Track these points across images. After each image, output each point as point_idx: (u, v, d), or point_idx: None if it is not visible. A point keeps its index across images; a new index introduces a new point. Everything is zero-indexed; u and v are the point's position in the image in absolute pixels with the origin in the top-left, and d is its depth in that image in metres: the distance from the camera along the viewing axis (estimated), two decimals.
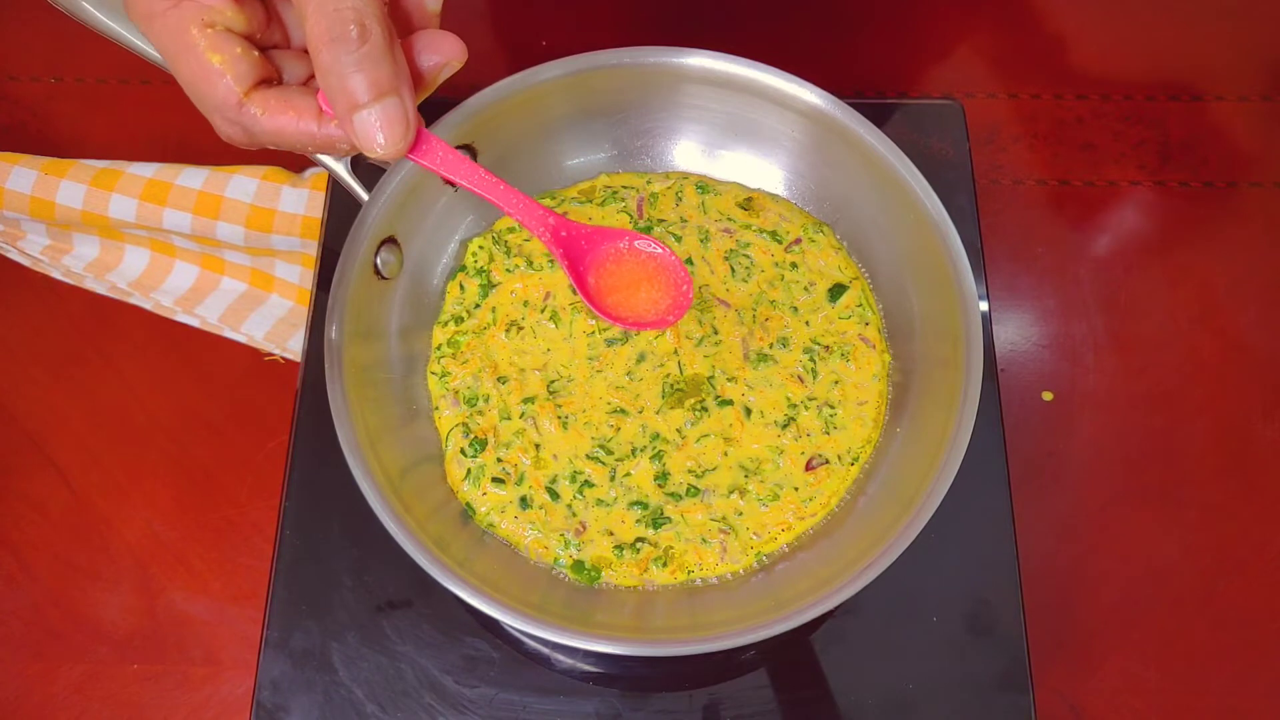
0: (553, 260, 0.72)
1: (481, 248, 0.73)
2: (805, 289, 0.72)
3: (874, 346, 0.70)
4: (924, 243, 0.66)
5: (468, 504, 0.66)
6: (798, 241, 0.73)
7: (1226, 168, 0.91)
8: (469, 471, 0.67)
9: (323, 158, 0.67)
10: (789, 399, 0.69)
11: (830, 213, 0.74)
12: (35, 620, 0.75)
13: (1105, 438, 0.81)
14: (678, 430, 0.68)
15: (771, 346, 0.70)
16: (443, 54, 0.50)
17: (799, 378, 0.69)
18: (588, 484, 0.66)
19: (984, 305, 0.73)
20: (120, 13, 0.61)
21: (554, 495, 0.66)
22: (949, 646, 0.66)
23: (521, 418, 0.68)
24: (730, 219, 0.74)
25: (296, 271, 0.86)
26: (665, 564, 0.64)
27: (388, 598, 0.67)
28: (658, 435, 0.67)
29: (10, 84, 0.94)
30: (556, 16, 0.97)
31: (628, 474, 0.66)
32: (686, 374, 0.69)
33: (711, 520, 0.65)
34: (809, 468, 0.67)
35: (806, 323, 0.71)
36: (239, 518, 0.78)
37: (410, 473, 0.64)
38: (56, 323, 0.85)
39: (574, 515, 0.66)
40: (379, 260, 0.67)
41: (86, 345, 0.85)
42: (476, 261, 0.73)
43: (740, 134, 0.74)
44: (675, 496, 0.66)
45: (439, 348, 0.71)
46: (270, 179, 0.84)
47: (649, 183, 0.75)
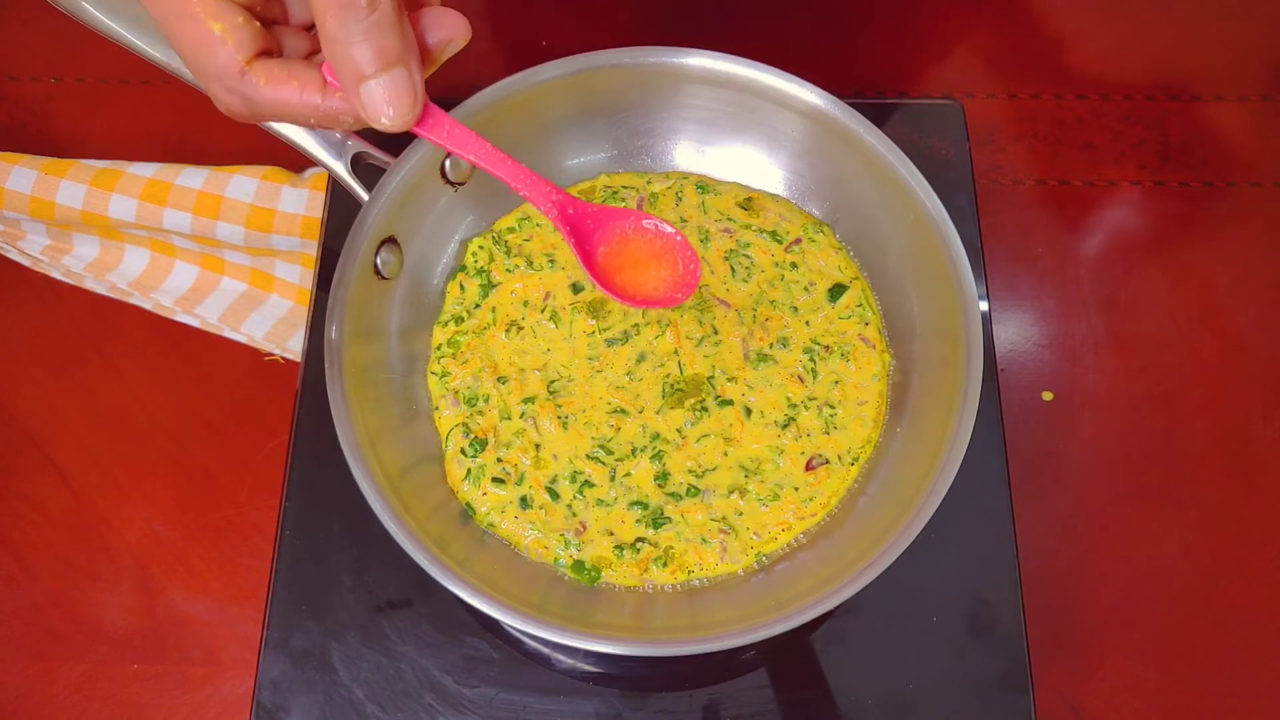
0: (553, 260, 0.72)
1: (481, 248, 0.73)
2: (805, 289, 0.72)
3: (874, 346, 0.70)
4: (924, 243, 0.66)
5: (468, 504, 0.66)
6: (798, 241, 0.73)
7: (1226, 168, 0.91)
8: (469, 471, 0.67)
9: (323, 158, 0.67)
10: (789, 399, 0.69)
11: (830, 213, 0.74)
12: (35, 620, 0.75)
13: (1105, 438, 0.81)
14: (678, 430, 0.68)
15: (771, 346, 0.70)
16: (447, 31, 0.49)
17: (799, 378, 0.69)
18: (588, 484, 0.66)
19: (984, 305, 0.73)
20: (120, 12, 0.61)
21: (554, 495, 0.66)
22: (949, 646, 0.66)
23: (522, 418, 0.68)
24: (730, 219, 0.74)
25: (296, 271, 0.86)
26: (665, 564, 0.64)
27: (388, 598, 0.67)
28: (658, 435, 0.67)
29: (10, 84, 0.94)
30: (556, 16, 0.97)
31: (628, 474, 0.66)
32: (686, 374, 0.69)
33: (711, 520, 0.65)
34: (809, 468, 0.67)
35: (806, 323, 0.71)
36: (239, 518, 0.78)
37: (410, 473, 0.64)
38: (56, 323, 0.85)
39: (574, 515, 0.66)
40: (379, 260, 0.67)
41: (86, 345, 0.85)
42: (476, 261, 0.73)
43: (740, 134, 0.74)
44: (675, 496, 0.66)
45: (439, 348, 0.71)
46: (270, 179, 0.84)
47: (649, 183, 0.75)
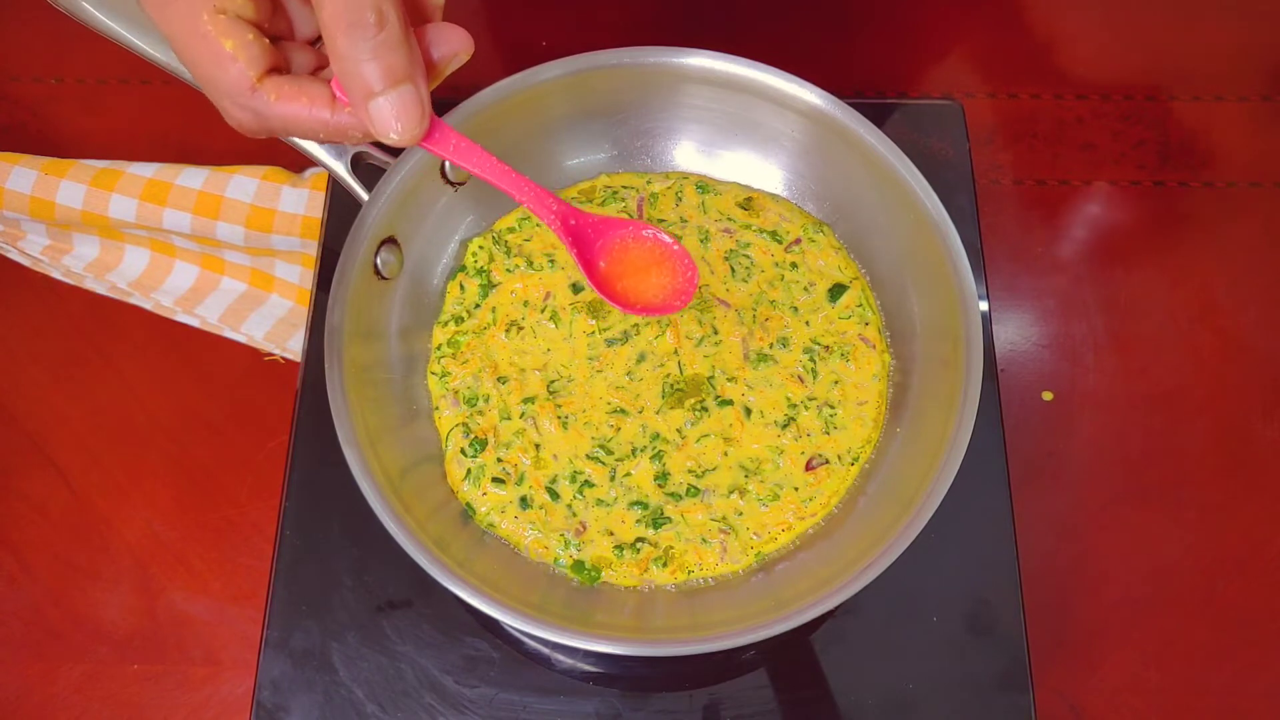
0: (553, 260, 0.72)
1: (481, 248, 0.73)
2: (805, 289, 0.72)
3: (874, 346, 0.70)
4: (924, 243, 0.66)
5: (468, 504, 0.66)
6: (798, 241, 0.73)
7: (1226, 168, 0.91)
8: (469, 471, 0.67)
9: (323, 158, 0.67)
10: (789, 399, 0.69)
11: (830, 213, 0.74)
12: (35, 620, 0.75)
13: (1105, 438, 0.81)
14: (678, 430, 0.68)
15: (771, 346, 0.70)
16: (451, 46, 0.50)
17: (799, 378, 0.69)
18: (588, 484, 0.66)
19: (984, 305, 0.73)
20: (120, 13, 0.61)
21: (554, 495, 0.66)
22: (949, 646, 0.66)
23: (521, 418, 0.68)
24: (730, 219, 0.74)
25: (296, 271, 0.86)
26: (665, 564, 0.64)
27: (388, 598, 0.67)
28: (658, 435, 0.67)
29: (10, 84, 0.94)
30: (556, 16, 0.97)
31: (628, 474, 0.66)
32: (686, 374, 0.69)
33: (711, 520, 0.65)
34: (809, 468, 0.67)
35: (806, 323, 0.71)
36: (239, 518, 0.78)
37: (410, 473, 0.64)
38: (56, 323, 0.85)
39: (574, 515, 0.66)
40: (379, 260, 0.67)
41: (86, 345, 0.85)
42: (476, 261, 0.73)
43: (740, 134, 0.74)
44: (675, 496, 0.66)
45: (439, 348, 0.71)
46: (270, 179, 0.84)
47: (649, 183, 0.75)
